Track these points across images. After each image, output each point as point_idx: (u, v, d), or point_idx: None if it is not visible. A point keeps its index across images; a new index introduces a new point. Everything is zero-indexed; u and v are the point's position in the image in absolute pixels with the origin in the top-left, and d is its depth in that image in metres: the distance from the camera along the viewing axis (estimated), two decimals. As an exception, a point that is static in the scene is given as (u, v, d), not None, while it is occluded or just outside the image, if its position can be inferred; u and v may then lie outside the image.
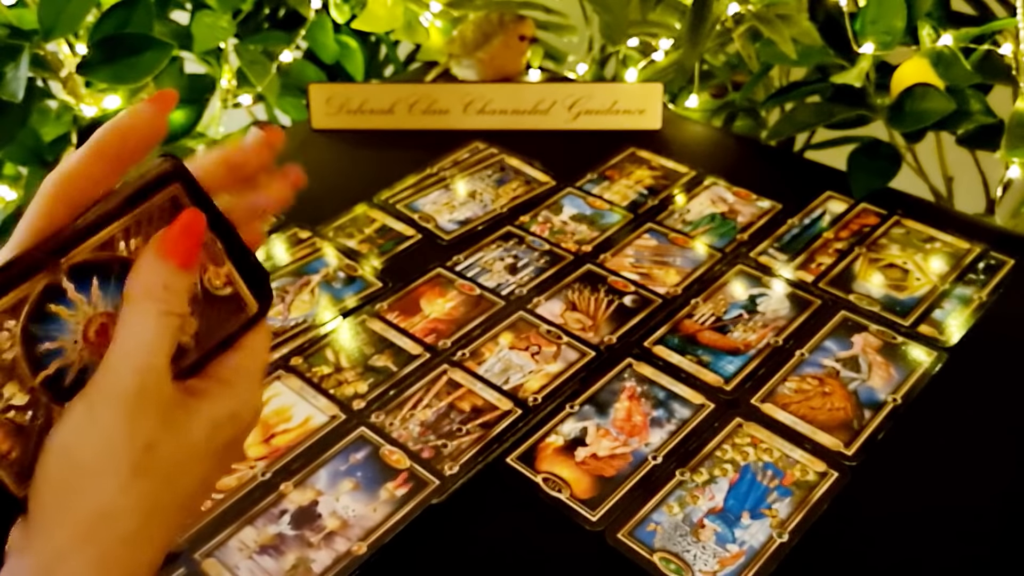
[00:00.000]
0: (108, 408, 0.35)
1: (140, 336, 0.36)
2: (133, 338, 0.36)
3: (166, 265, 0.36)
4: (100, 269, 0.36)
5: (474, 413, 0.69)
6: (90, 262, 0.35)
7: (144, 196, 0.37)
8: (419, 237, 0.88)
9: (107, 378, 0.35)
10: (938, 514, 0.62)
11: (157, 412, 0.36)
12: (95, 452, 0.35)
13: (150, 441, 0.35)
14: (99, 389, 0.35)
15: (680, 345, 0.75)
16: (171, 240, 0.36)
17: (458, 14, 1.18)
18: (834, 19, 0.99)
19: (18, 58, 0.93)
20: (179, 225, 0.37)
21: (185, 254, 0.36)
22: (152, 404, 0.35)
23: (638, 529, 0.61)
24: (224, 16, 1.13)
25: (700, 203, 0.91)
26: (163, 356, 0.36)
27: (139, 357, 0.35)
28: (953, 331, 0.75)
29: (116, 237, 0.36)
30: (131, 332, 0.36)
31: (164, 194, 0.37)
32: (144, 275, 0.36)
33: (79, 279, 0.35)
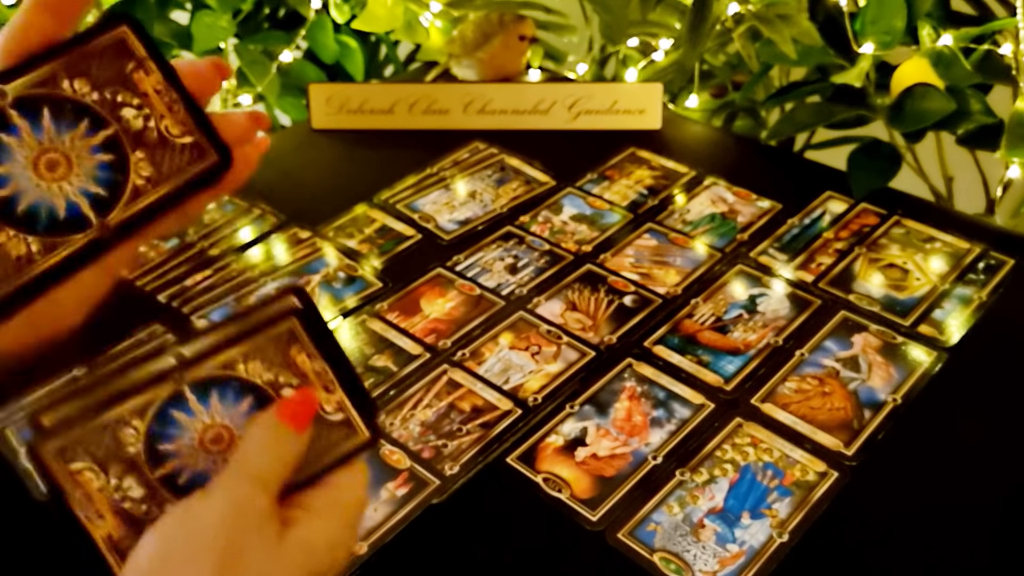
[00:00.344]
0: (207, 509, 0.37)
1: (251, 455, 0.38)
2: (244, 455, 0.38)
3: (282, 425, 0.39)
4: (218, 383, 0.39)
5: (474, 413, 0.69)
6: (212, 378, 0.39)
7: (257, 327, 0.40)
8: (419, 237, 0.88)
9: (213, 484, 0.38)
10: (938, 514, 0.62)
11: (253, 524, 0.37)
12: (188, 548, 0.36)
13: (240, 548, 0.36)
14: (204, 492, 0.37)
15: (680, 345, 0.75)
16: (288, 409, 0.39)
17: (458, 14, 1.18)
18: (834, 19, 0.99)
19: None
20: (298, 398, 0.40)
21: (298, 422, 0.39)
22: (248, 515, 0.37)
23: (638, 529, 0.61)
24: (224, 16, 1.13)
25: (700, 203, 0.91)
26: (270, 477, 0.38)
27: (246, 470, 0.38)
28: (953, 331, 0.75)
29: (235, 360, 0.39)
30: (244, 451, 0.38)
31: None
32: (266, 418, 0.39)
33: (200, 391, 0.39)
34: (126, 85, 0.38)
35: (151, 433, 0.38)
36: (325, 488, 0.41)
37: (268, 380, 0.40)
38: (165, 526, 0.37)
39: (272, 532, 0.37)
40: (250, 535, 0.36)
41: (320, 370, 0.41)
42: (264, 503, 0.37)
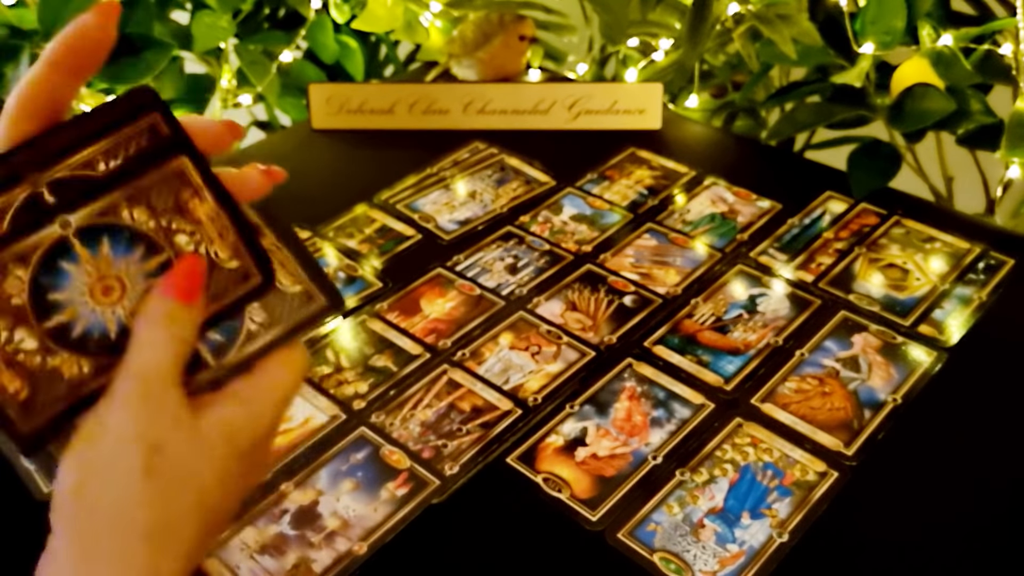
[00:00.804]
0: (115, 413, 0.37)
1: (143, 351, 0.38)
2: (138, 353, 0.38)
3: (171, 301, 0.38)
4: (109, 230, 0.38)
5: (474, 413, 0.69)
6: (97, 225, 0.38)
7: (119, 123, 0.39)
8: (419, 237, 0.88)
9: (114, 388, 0.37)
10: (938, 514, 0.62)
11: (164, 416, 0.37)
12: (108, 458, 0.36)
13: (159, 442, 0.36)
14: (107, 398, 0.37)
15: (680, 345, 0.75)
16: (173, 280, 0.38)
17: (458, 14, 1.18)
18: (834, 19, 0.99)
19: (18, 58, 0.93)
20: (181, 268, 0.39)
21: (187, 291, 0.39)
22: (157, 409, 0.37)
23: (638, 529, 0.61)
24: (224, 16, 1.13)
25: (700, 203, 0.91)
26: (167, 366, 0.38)
27: (142, 367, 0.37)
28: (953, 331, 0.75)
29: (119, 204, 0.38)
30: (135, 348, 0.38)
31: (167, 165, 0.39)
32: (149, 307, 0.38)
33: (88, 239, 0.38)
34: (181, 213, 0.39)
35: (36, 283, 0.37)
36: (252, 375, 0.40)
37: (156, 227, 0.39)
38: (80, 441, 0.37)
39: (185, 419, 0.37)
40: (165, 427, 0.37)
41: (212, 213, 0.40)
42: (170, 395, 0.37)
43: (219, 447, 0.38)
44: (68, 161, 0.37)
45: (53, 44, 0.37)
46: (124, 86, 1.01)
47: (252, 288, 0.41)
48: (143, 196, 0.38)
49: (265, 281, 0.41)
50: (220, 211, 0.40)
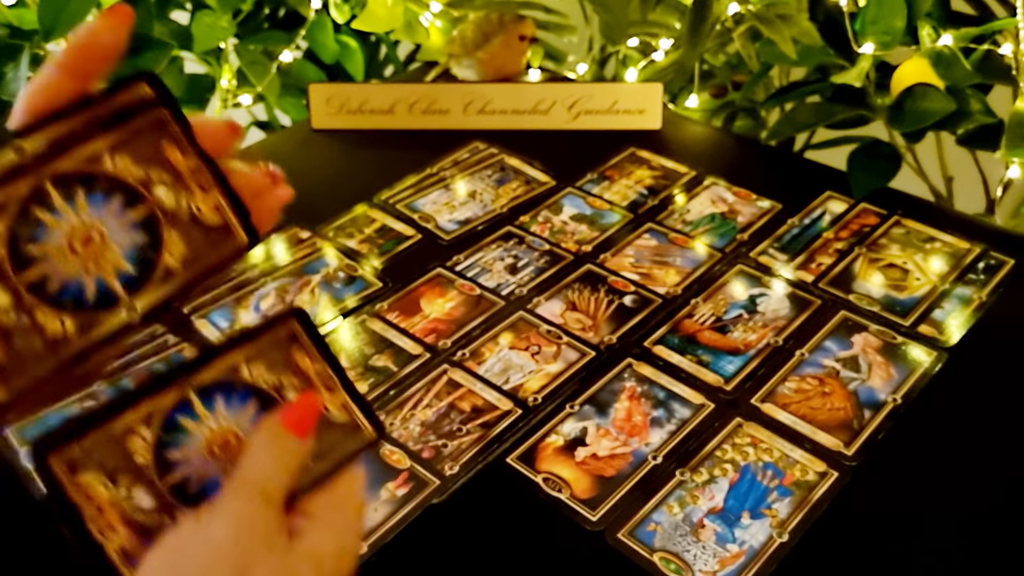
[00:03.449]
0: (216, 522, 0.37)
1: (255, 466, 0.38)
2: (249, 466, 0.38)
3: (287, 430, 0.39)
4: (223, 387, 0.39)
5: (474, 413, 0.69)
6: (216, 383, 0.39)
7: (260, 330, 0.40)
8: (419, 237, 0.88)
9: (221, 497, 0.37)
10: (938, 514, 0.62)
11: (262, 536, 0.37)
12: (198, 563, 0.36)
13: (251, 560, 0.36)
14: (212, 505, 0.37)
15: (680, 345, 0.75)
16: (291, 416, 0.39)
17: (458, 14, 1.18)
18: (834, 19, 0.99)
19: (18, 58, 0.93)
20: (302, 403, 0.40)
21: (301, 429, 0.39)
22: (257, 528, 0.37)
23: (638, 529, 0.61)
24: (224, 16, 1.13)
25: (700, 203, 0.91)
26: (274, 488, 0.38)
27: (252, 481, 0.37)
28: (953, 331, 0.75)
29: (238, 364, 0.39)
30: (248, 462, 0.38)
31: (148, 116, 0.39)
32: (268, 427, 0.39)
33: (205, 396, 0.38)
34: (162, 164, 0.38)
35: (159, 441, 0.38)
36: (325, 492, 0.40)
37: (271, 383, 0.40)
38: (173, 541, 0.37)
39: (280, 545, 0.37)
40: (259, 550, 0.36)
41: (321, 371, 0.41)
42: (271, 517, 0.37)
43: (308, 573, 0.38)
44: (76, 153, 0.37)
45: (65, 48, 0.37)
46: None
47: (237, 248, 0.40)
48: (123, 142, 0.38)
49: (251, 241, 0.40)
50: (200, 164, 0.39)
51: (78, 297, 0.37)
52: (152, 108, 0.38)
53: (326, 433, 0.41)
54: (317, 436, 0.40)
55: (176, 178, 0.38)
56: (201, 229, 0.39)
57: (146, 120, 0.38)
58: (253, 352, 0.40)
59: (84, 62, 0.37)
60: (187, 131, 0.39)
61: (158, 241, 0.38)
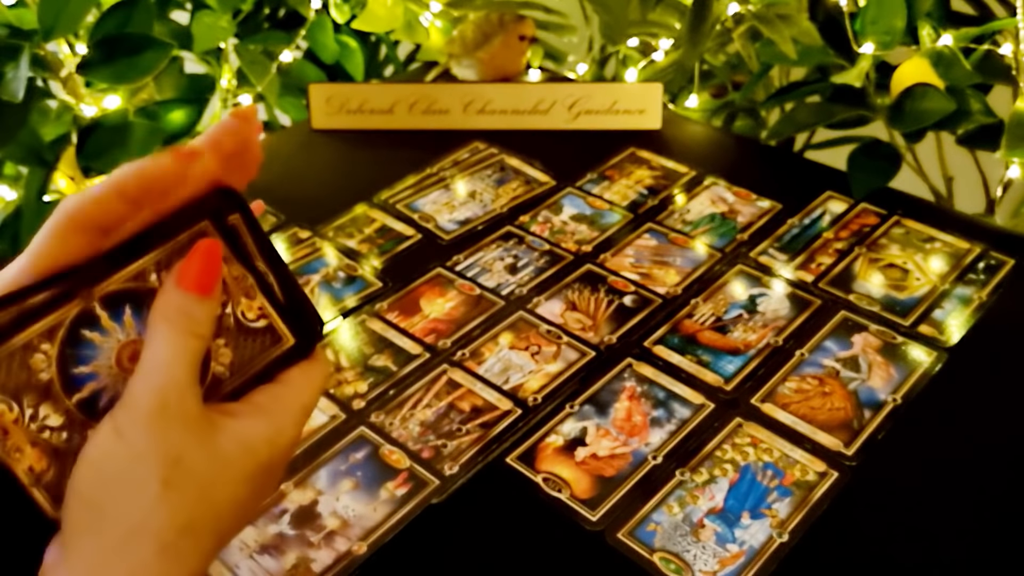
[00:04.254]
0: (133, 424, 0.36)
1: (160, 356, 0.36)
2: (154, 358, 0.36)
3: (185, 293, 0.37)
4: (133, 297, 0.37)
5: (474, 413, 0.69)
6: (123, 291, 0.37)
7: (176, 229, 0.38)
8: (419, 237, 0.88)
9: (131, 396, 0.36)
10: (938, 514, 0.62)
11: (183, 426, 0.36)
12: (124, 468, 0.35)
13: (178, 454, 0.35)
14: (124, 407, 0.36)
15: (680, 345, 0.75)
16: (189, 269, 0.37)
17: (458, 14, 1.18)
18: (834, 19, 0.99)
19: (18, 58, 0.93)
20: (196, 254, 0.37)
21: (202, 282, 0.37)
22: (177, 419, 0.36)
23: (638, 529, 0.61)
24: (224, 16, 1.13)
25: (700, 203, 0.91)
26: (184, 373, 0.36)
27: (160, 374, 0.36)
28: (953, 331, 0.75)
29: (148, 269, 0.37)
30: (152, 353, 0.36)
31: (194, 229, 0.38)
32: (164, 302, 0.37)
33: (112, 307, 0.37)
34: None
35: (63, 356, 0.36)
36: (273, 384, 0.40)
37: None
38: (94, 448, 0.36)
39: (204, 428, 0.36)
40: (182, 436, 0.36)
41: (239, 275, 0.39)
42: (188, 401, 0.36)
43: (238, 460, 0.37)
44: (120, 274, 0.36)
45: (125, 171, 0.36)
46: (124, 86, 1.01)
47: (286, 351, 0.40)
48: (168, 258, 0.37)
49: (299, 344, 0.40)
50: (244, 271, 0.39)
51: None
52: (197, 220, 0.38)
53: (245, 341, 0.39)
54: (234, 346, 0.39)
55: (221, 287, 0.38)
56: (247, 335, 0.39)
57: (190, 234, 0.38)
58: (162, 255, 0.37)
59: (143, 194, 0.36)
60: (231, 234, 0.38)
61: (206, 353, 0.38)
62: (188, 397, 0.36)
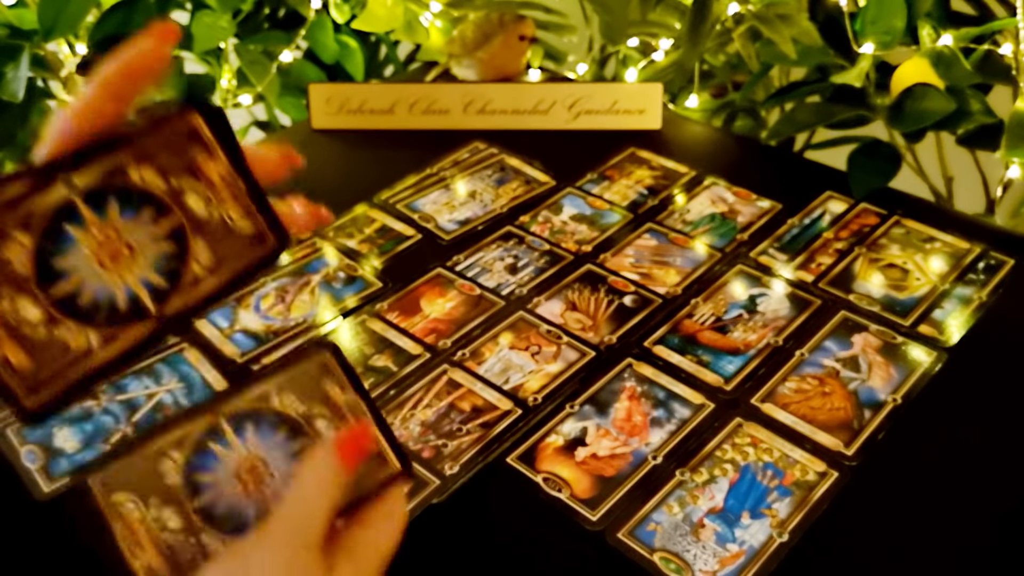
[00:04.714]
0: (260, 553, 0.37)
1: (304, 496, 0.38)
2: (298, 497, 0.38)
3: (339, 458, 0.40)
4: (255, 417, 0.40)
5: (474, 413, 0.69)
6: (247, 411, 0.40)
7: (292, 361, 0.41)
8: (419, 237, 0.88)
9: (267, 526, 0.38)
10: (938, 514, 0.62)
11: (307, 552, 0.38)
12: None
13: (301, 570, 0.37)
14: (258, 533, 0.38)
15: (680, 345, 0.75)
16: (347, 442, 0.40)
17: (458, 14, 1.18)
18: (834, 19, 0.99)
19: (18, 58, 0.93)
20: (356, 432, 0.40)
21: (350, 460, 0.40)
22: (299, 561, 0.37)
23: (638, 529, 0.61)
24: (224, 16, 1.13)
25: (700, 203, 0.91)
26: (319, 519, 0.38)
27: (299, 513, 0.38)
28: (953, 331, 0.75)
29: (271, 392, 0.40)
30: (298, 492, 0.39)
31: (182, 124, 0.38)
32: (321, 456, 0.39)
33: (237, 426, 0.40)
34: (193, 173, 0.38)
35: (189, 465, 0.39)
36: (362, 528, 0.41)
37: (301, 412, 0.40)
38: (221, 569, 0.37)
39: (321, 562, 0.38)
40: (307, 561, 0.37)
41: (352, 402, 0.42)
42: (315, 559, 0.38)
43: None
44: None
45: (107, 67, 0.36)
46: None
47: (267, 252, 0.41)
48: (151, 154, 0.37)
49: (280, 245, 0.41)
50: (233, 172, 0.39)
51: (108, 309, 0.37)
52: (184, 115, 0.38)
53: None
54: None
55: (208, 186, 0.39)
56: (231, 236, 0.39)
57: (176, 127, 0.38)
58: (284, 381, 0.40)
59: (126, 83, 0.36)
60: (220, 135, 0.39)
61: (184, 251, 0.38)
62: (313, 544, 0.38)
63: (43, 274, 0.36)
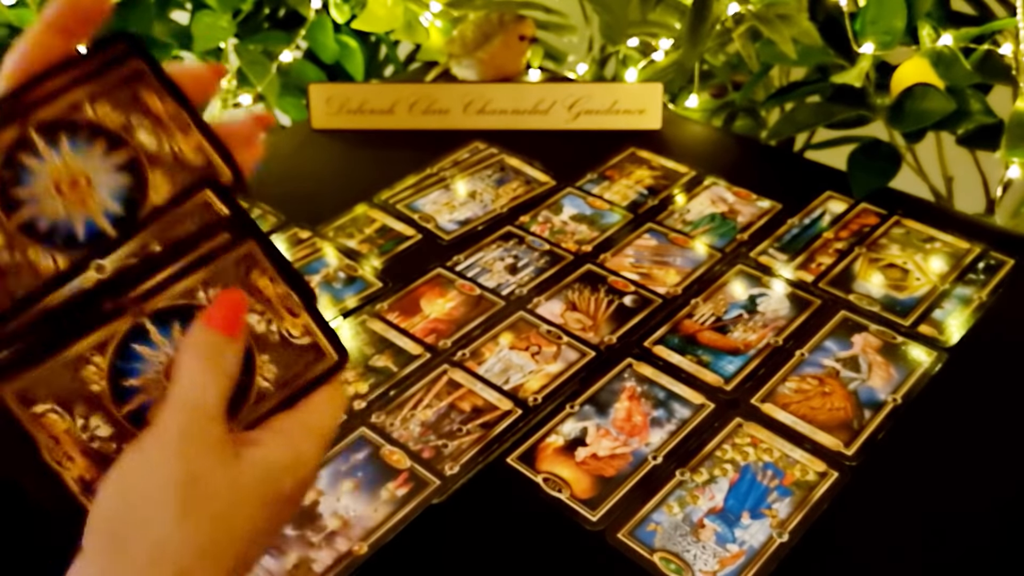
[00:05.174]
0: (157, 446, 0.36)
1: (188, 387, 0.37)
2: (181, 384, 0.37)
3: (213, 331, 0.38)
4: (182, 313, 0.39)
5: (474, 413, 0.69)
6: (172, 308, 0.38)
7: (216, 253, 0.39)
8: (419, 237, 0.88)
9: (158, 422, 0.37)
10: (938, 514, 0.62)
11: (205, 450, 0.37)
12: (146, 489, 0.36)
13: (198, 477, 0.36)
14: (150, 432, 0.37)
15: (680, 345, 0.75)
16: (216, 312, 0.39)
17: (458, 14, 1.18)
18: (834, 19, 0.99)
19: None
20: (224, 299, 0.39)
21: (229, 326, 0.39)
22: (199, 442, 0.37)
23: (638, 529, 0.61)
24: (224, 16, 1.13)
25: (700, 203, 0.91)
26: (211, 399, 0.37)
27: (186, 403, 0.37)
28: (953, 331, 0.75)
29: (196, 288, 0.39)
30: (180, 384, 0.38)
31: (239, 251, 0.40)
32: (194, 338, 0.38)
33: (162, 322, 0.38)
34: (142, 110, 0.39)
35: (114, 369, 0.37)
36: (294, 410, 0.40)
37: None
38: (119, 470, 0.36)
39: (227, 455, 0.37)
40: (205, 461, 0.36)
41: (283, 293, 0.40)
42: (212, 429, 0.37)
43: (257, 487, 0.38)
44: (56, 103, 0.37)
45: (51, 6, 0.38)
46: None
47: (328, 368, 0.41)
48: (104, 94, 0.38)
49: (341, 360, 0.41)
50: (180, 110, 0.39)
51: (68, 236, 0.37)
52: (129, 59, 0.39)
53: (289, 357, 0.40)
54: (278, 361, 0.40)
55: (156, 122, 0.39)
56: (184, 169, 0.39)
57: (124, 71, 0.39)
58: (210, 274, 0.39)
59: (72, 21, 0.37)
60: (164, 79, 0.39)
61: (143, 182, 0.39)
62: (213, 424, 0.37)
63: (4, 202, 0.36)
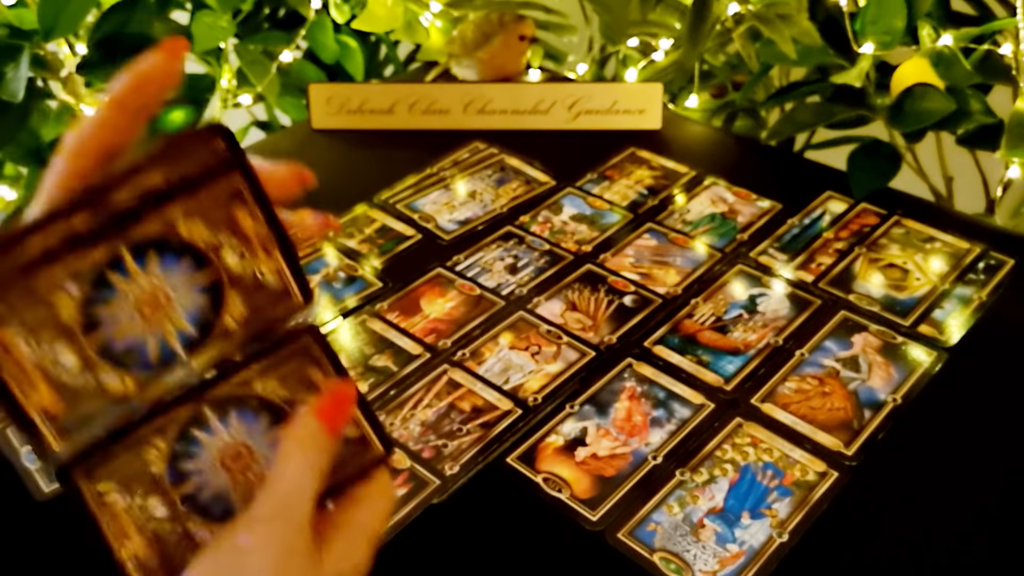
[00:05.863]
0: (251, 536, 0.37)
1: (290, 472, 0.38)
2: (283, 474, 0.38)
3: (319, 423, 0.39)
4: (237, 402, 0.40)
5: (474, 413, 0.69)
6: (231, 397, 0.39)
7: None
8: (419, 237, 0.88)
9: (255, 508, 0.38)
10: (938, 514, 0.62)
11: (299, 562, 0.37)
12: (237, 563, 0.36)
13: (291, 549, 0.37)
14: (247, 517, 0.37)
15: (680, 345, 0.75)
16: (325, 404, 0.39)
17: (458, 14, 1.18)
18: (834, 19, 0.99)
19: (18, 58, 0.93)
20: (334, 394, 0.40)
21: (333, 422, 0.39)
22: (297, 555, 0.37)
23: (638, 529, 0.61)
24: (224, 16, 1.13)
25: (700, 203, 0.91)
26: (308, 493, 0.38)
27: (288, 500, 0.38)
28: (953, 331, 0.75)
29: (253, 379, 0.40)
30: (283, 468, 0.38)
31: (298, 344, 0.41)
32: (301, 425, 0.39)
33: (219, 412, 0.39)
34: (233, 230, 0.39)
35: (173, 453, 0.39)
36: (353, 505, 0.41)
37: (284, 397, 0.40)
38: (212, 560, 0.37)
39: (315, 565, 0.38)
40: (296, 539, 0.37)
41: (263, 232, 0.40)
42: (308, 541, 0.38)
43: None
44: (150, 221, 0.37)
45: (118, 83, 0.37)
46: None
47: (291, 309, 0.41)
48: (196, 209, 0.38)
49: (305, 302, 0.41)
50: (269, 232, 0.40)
51: (141, 357, 0.38)
52: (228, 173, 0.39)
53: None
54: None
55: (243, 241, 0.39)
56: (262, 291, 0.40)
57: (222, 186, 0.38)
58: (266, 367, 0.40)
59: (139, 98, 0.36)
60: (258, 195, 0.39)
61: (220, 303, 0.39)
62: (305, 521, 0.38)
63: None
